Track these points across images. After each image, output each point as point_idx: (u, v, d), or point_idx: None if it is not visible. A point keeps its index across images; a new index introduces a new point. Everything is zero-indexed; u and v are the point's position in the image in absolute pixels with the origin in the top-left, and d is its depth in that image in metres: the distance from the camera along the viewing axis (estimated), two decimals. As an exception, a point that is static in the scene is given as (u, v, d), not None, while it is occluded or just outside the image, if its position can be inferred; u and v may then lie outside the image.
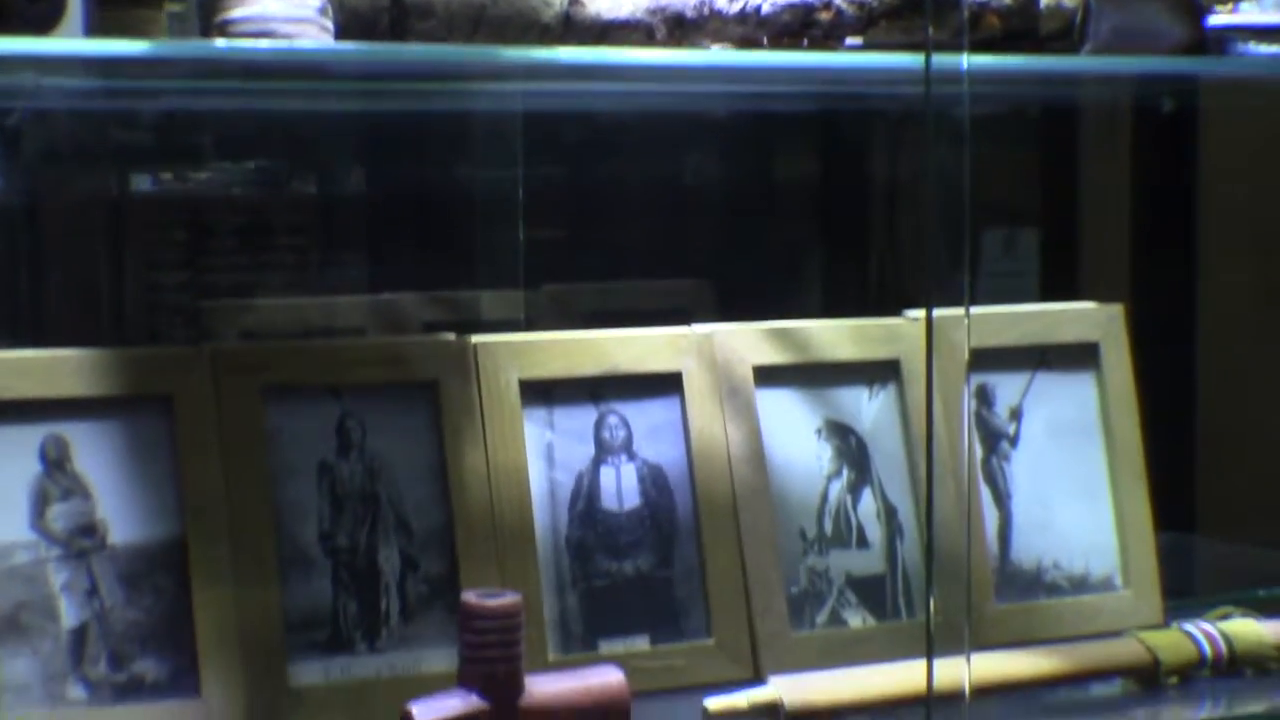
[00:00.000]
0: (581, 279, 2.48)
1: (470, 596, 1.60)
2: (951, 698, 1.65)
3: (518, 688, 1.59)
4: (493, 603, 1.59)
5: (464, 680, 1.59)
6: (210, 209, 2.54)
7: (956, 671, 1.66)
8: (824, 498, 1.89)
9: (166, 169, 2.56)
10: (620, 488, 1.81)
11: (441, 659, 1.70)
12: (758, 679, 1.77)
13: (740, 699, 1.68)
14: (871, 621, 1.87)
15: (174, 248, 2.54)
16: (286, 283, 2.44)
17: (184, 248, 2.55)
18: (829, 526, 1.88)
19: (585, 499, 1.80)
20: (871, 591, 1.88)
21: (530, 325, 2.25)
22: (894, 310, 1.97)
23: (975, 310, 1.90)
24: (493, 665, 1.58)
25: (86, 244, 2.54)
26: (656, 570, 1.81)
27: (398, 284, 2.36)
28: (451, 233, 2.52)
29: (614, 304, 2.44)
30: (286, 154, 2.53)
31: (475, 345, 1.77)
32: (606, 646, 1.77)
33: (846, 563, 1.88)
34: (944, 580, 1.85)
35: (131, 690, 1.61)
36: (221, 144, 2.52)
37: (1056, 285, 2.88)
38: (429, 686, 1.61)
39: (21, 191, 2.43)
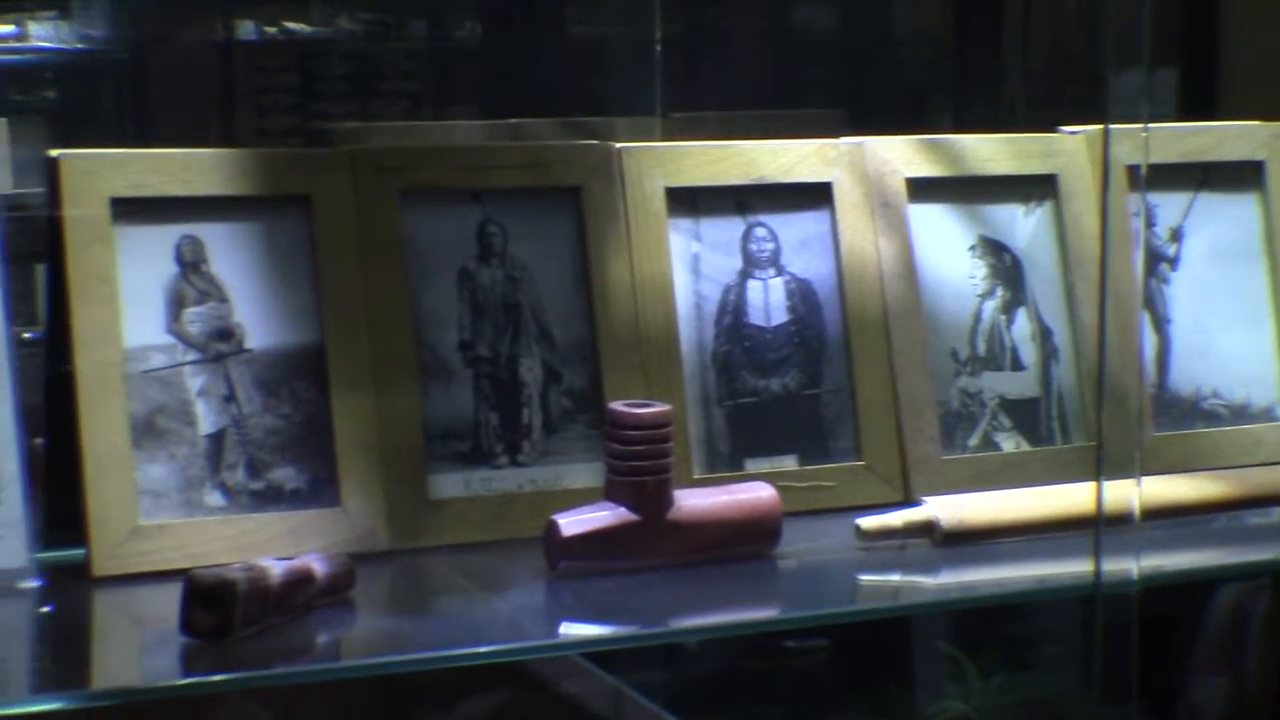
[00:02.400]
0: (715, 107, 2.42)
1: (619, 405, 1.55)
2: (1116, 521, 1.59)
3: (667, 501, 1.54)
4: (643, 411, 1.54)
5: (611, 493, 1.55)
6: (320, 52, 2.49)
7: (1120, 495, 1.60)
8: (977, 317, 1.83)
9: (275, 13, 2.52)
10: (768, 303, 1.76)
11: (584, 475, 1.66)
12: (908, 501, 1.72)
13: (894, 519, 1.63)
14: (1025, 446, 1.82)
15: (284, 93, 2.50)
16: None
17: (294, 92, 2.50)
18: (982, 347, 1.82)
19: (732, 313, 1.74)
20: (1025, 415, 1.82)
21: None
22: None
23: (1133, 127, 1.83)
24: (641, 477, 1.53)
25: (195, 89, 2.50)
26: (804, 388, 1.76)
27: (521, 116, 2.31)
28: (581, 62, 2.47)
29: (748, 133, 2.38)
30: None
31: (620, 151, 1.71)
32: (753, 465, 1.72)
33: (999, 385, 1.82)
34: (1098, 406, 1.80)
35: (270, 498, 1.57)
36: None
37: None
38: (571, 502, 1.57)
39: (130, 39, 2.40)
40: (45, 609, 1.46)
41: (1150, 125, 1.89)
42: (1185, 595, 2.19)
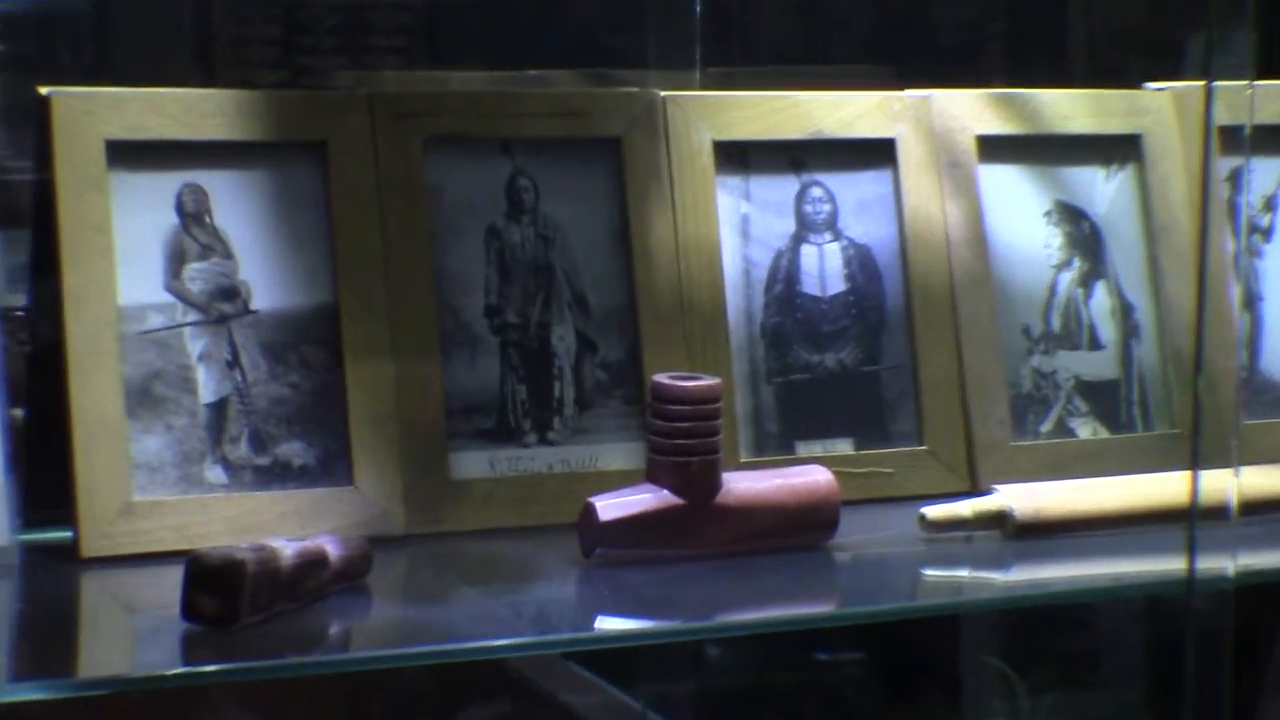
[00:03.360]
0: (754, 62, 2.40)
1: (664, 378, 1.54)
2: (1209, 515, 1.58)
3: (714, 484, 1.53)
4: (691, 385, 1.53)
5: (653, 474, 1.53)
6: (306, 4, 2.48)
7: (1213, 486, 1.59)
8: (1052, 290, 1.81)
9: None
10: (823, 270, 1.74)
11: (621, 455, 1.65)
12: (974, 491, 1.71)
13: (963, 508, 1.61)
14: (1103, 432, 1.80)
15: (267, 45, 2.48)
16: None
17: (277, 45, 2.48)
18: (1057, 323, 1.81)
19: (784, 281, 1.73)
20: (1103, 398, 1.81)
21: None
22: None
23: (1221, 84, 1.81)
24: (688, 457, 1.52)
25: (168, 38, 2.48)
26: (862, 365, 1.74)
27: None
28: (610, 11, 2.45)
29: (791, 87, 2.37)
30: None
31: (665, 100, 1.70)
32: (804, 448, 1.71)
33: (1076, 365, 1.81)
34: (1184, 390, 1.79)
35: (276, 475, 1.56)
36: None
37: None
38: (607, 485, 1.56)
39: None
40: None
41: (1244, 83, 1.88)
42: (1263, 601, 2.17)
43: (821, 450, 1.71)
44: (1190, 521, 1.54)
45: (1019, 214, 1.82)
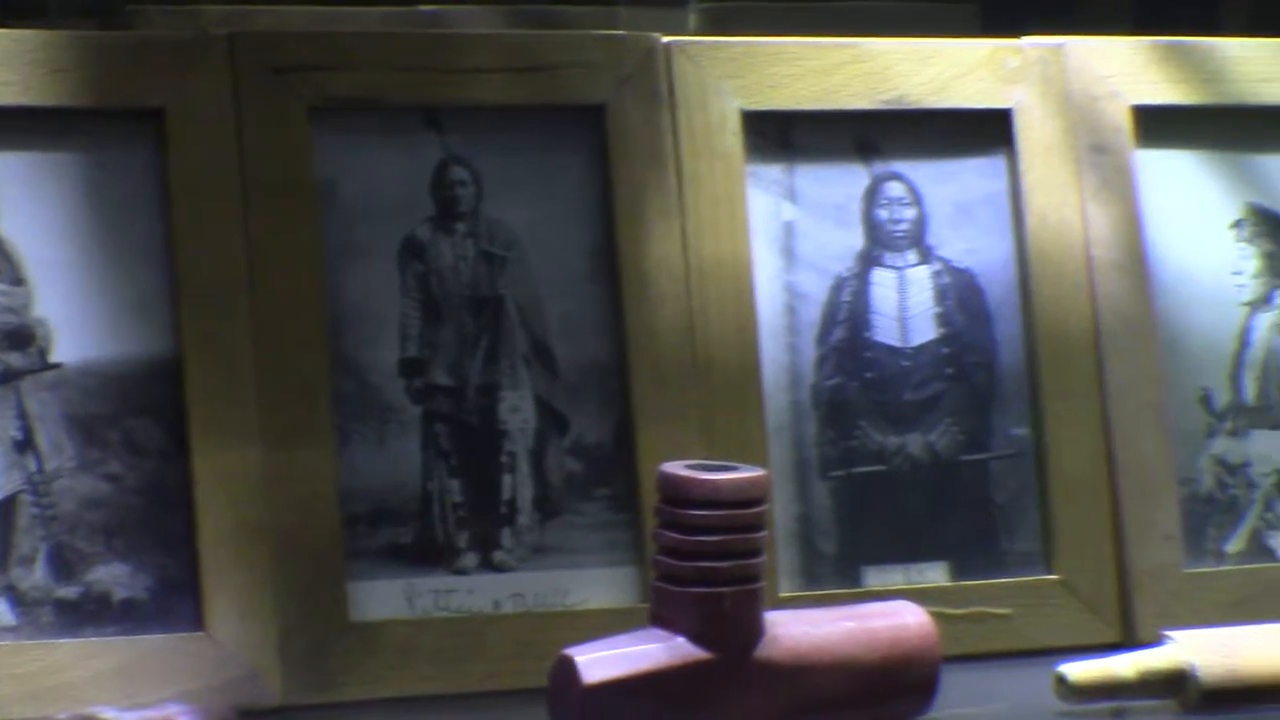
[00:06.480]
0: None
1: (677, 468, 1.56)
2: None
3: (755, 628, 1.55)
4: (721, 478, 1.55)
5: (662, 615, 1.55)
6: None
7: None
8: (1243, 340, 1.86)
9: None
10: (905, 307, 1.78)
11: (607, 586, 1.68)
12: (1131, 641, 1.74)
13: (1121, 665, 1.64)
14: (1322, 552, 1.85)
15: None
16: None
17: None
18: (1251, 389, 1.85)
19: (847, 324, 1.77)
20: (1321, 501, 1.86)
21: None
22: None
23: None
24: (717, 588, 1.54)
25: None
26: (963, 452, 1.78)
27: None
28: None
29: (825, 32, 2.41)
30: None
31: (668, 48, 1.74)
32: (877, 577, 1.75)
33: (1278, 452, 1.85)
34: None
35: (90, 614, 1.57)
36: None
37: None
38: (588, 631, 1.57)
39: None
40: None
41: None
42: None
43: (903, 580, 1.75)
44: None
45: (1196, 224, 1.86)
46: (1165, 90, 1.85)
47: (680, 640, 1.54)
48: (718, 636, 1.55)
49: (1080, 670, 1.64)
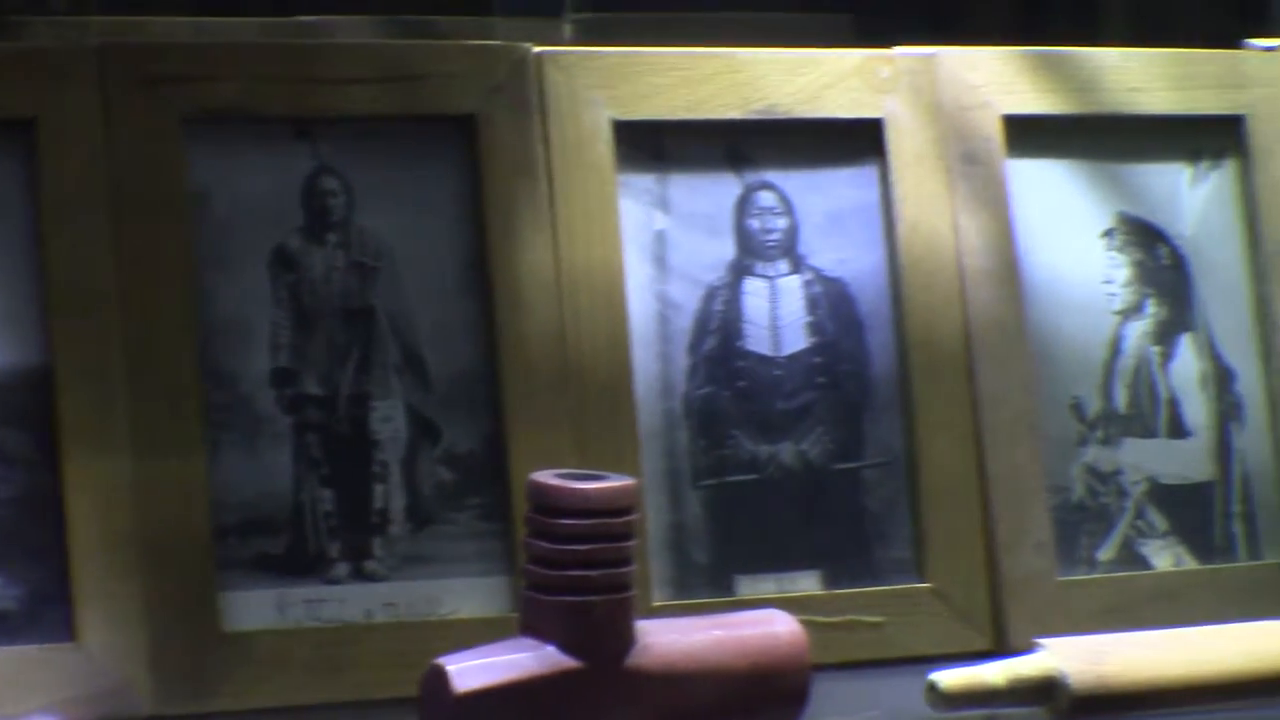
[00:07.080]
0: (649, 5, 2.44)
1: (547, 477, 1.56)
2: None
3: (625, 637, 1.56)
4: (590, 487, 1.55)
5: (532, 624, 1.55)
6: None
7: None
8: (1114, 349, 1.86)
9: None
10: (776, 316, 1.78)
11: (480, 595, 1.68)
12: (1003, 648, 1.75)
13: (992, 674, 1.65)
14: (1189, 561, 1.85)
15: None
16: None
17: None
18: (1121, 398, 1.86)
19: (718, 333, 1.77)
20: (1189, 511, 1.86)
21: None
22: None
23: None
24: (587, 596, 1.54)
25: None
26: (834, 460, 1.78)
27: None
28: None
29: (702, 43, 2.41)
30: None
31: (539, 57, 1.74)
32: (750, 586, 1.75)
33: (1149, 461, 1.86)
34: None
35: (-44, 626, 1.58)
36: None
37: None
38: (460, 640, 1.57)
39: None
40: None
41: None
42: None
43: (776, 589, 1.75)
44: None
45: (1067, 233, 1.87)
46: (1036, 100, 1.86)
47: (551, 649, 1.54)
48: (588, 645, 1.55)
49: (951, 678, 1.65)
